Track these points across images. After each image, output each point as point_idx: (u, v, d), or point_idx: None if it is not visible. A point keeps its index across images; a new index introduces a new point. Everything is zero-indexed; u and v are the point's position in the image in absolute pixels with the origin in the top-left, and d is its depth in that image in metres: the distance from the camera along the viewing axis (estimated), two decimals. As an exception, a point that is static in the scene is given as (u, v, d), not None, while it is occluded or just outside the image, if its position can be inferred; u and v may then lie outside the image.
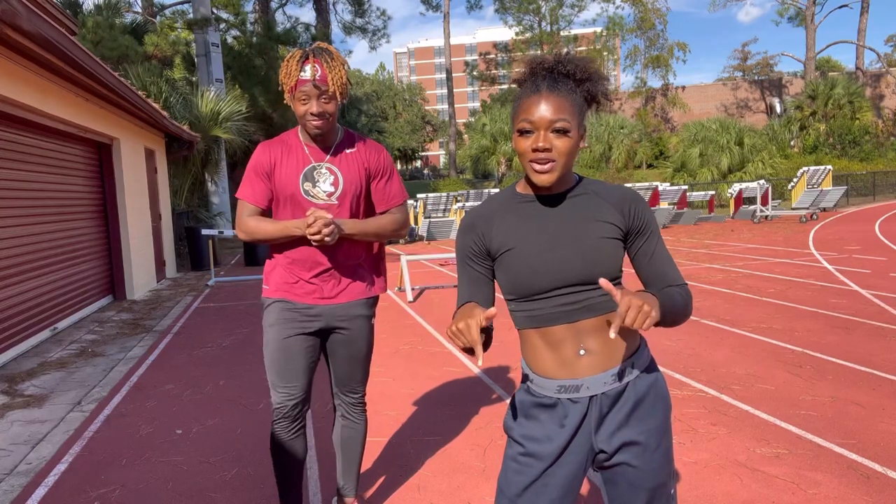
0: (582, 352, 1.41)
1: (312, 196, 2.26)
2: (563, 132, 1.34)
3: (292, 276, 2.32)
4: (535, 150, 1.34)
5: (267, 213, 2.32)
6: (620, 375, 1.42)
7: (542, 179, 1.36)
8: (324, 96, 2.16)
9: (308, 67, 2.13)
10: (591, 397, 1.42)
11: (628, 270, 8.05)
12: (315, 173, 2.27)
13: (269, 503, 2.84)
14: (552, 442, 1.43)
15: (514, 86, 1.51)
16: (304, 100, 2.16)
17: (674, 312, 1.38)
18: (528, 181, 1.46)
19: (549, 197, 1.45)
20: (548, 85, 1.35)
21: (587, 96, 1.40)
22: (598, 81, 1.40)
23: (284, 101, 2.30)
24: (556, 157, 1.34)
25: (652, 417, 1.44)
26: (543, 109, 1.33)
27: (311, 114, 2.16)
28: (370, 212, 2.41)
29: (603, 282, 1.25)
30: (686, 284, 1.47)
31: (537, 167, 1.36)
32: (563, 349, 1.42)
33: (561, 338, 1.41)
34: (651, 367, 1.49)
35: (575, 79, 1.38)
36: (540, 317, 1.42)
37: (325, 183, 2.27)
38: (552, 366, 1.43)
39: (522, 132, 1.36)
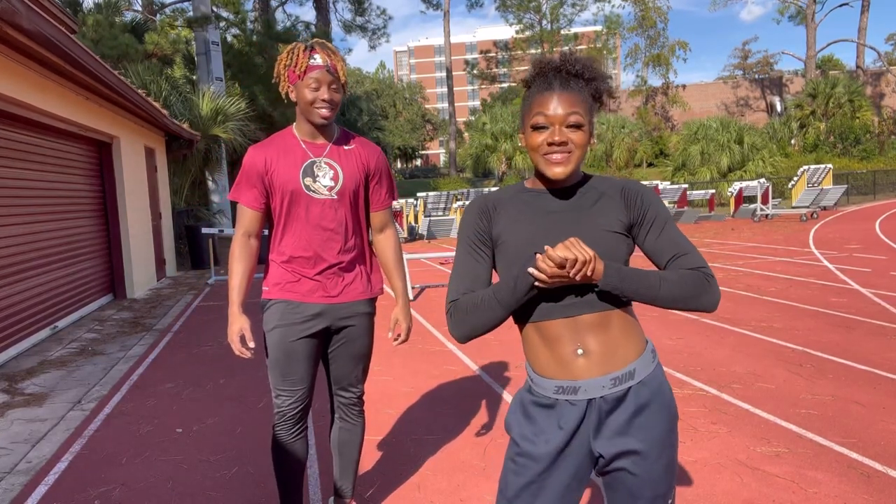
0: (580, 351, 1.39)
1: (314, 191, 2.23)
2: (577, 126, 1.38)
3: (293, 275, 2.28)
4: (550, 144, 1.39)
5: (264, 215, 2.31)
6: (620, 380, 1.39)
7: (558, 172, 1.40)
8: (334, 84, 2.16)
9: (318, 56, 2.13)
10: (590, 400, 1.40)
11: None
12: (315, 168, 2.24)
13: (269, 502, 2.84)
14: (549, 443, 1.41)
15: (517, 85, 1.51)
16: (314, 86, 2.13)
17: (646, 288, 1.36)
18: (540, 177, 1.48)
19: (555, 192, 1.47)
20: (559, 82, 1.39)
21: (594, 95, 1.43)
22: (604, 80, 1.44)
23: (283, 94, 2.24)
24: (572, 150, 1.39)
25: (654, 427, 1.40)
26: (558, 105, 1.38)
27: (322, 100, 2.14)
28: (368, 208, 2.41)
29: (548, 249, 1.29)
30: (704, 268, 1.40)
31: (554, 157, 1.39)
32: (561, 347, 1.40)
33: (558, 334, 1.40)
34: (656, 375, 1.44)
35: (584, 78, 1.41)
36: (536, 310, 1.41)
37: (326, 178, 2.25)
38: (550, 365, 1.42)
39: (537, 127, 1.40)
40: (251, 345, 2.21)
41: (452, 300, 1.46)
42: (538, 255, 1.31)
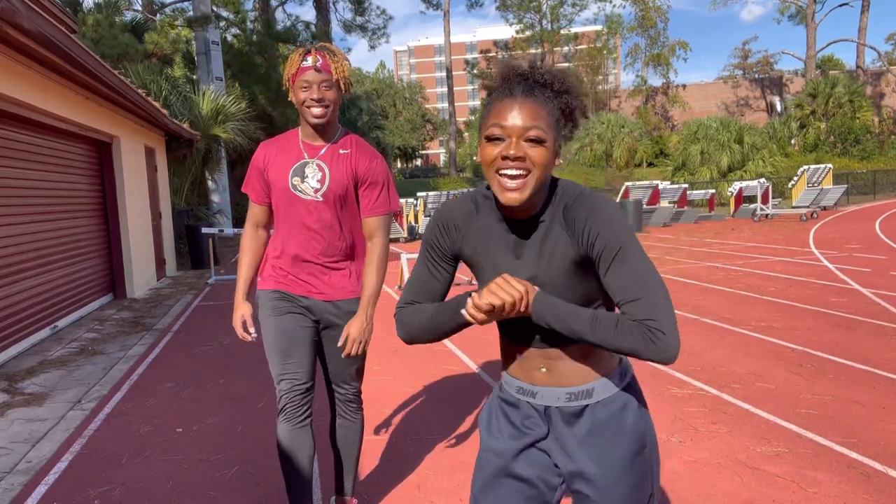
0: (543, 369, 1.38)
1: (300, 191, 2.29)
2: (537, 141, 1.21)
3: (281, 272, 2.37)
4: (504, 158, 1.21)
5: (269, 208, 2.42)
6: (576, 396, 1.35)
7: (511, 198, 1.22)
8: (325, 83, 2.20)
9: (310, 57, 2.20)
10: (547, 408, 1.38)
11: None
12: (306, 168, 2.30)
13: (269, 502, 2.84)
14: (515, 440, 1.40)
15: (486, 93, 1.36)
16: (304, 87, 2.20)
17: (580, 326, 1.21)
18: (497, 201, 1.32)
19: (521, 221, 1.32)
20: (523, 90, 1.22)
21: (564, 110, 1.27)
22: (576, 96, 1.27)
23: (288, 99, 2.34)
24: (530, 168, 1.21)
25: (610, 450, 1.33)
26: (517, 115, 1.21)
27: (312, 99, 2.20)
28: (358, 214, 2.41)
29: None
30: (652, 320, 1.18)
31: (507, 182, 1.22)
32: (527, 363, 1.39)
33: (529, 355, 1.39)
34: (620, 398, 1.36)
35: (553, 89, 1.25)
36: (509, 333, 1.40)
37: (314, 179, 2.29)
38: (514, 369, 1.43)
39: (491, 139, 1.23)
40: (252, 330, 2.35)
41: (399, 307, 1.44)
42: (468, 301, 1.24)
